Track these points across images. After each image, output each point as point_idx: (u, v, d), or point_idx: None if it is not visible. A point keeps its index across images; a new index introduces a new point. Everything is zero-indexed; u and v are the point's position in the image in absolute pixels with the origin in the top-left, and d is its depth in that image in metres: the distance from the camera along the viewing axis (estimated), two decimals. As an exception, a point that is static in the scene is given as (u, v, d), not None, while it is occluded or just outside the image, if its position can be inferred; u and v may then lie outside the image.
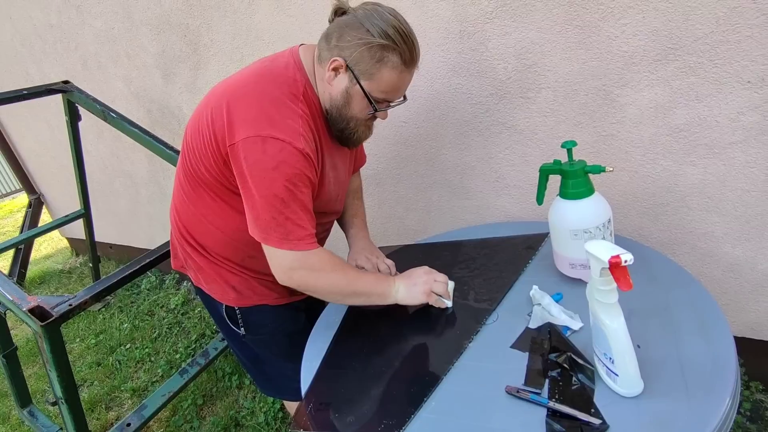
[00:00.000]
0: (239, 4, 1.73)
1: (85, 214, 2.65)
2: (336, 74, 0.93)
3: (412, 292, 1.01)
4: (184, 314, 2.74)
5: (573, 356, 0.79)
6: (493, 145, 1.46)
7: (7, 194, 8.65)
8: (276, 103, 0.91)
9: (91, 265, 2.96)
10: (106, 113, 1.92)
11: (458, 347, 0.91)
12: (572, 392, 0.75)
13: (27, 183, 3.71)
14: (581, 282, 0.98)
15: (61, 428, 1.78)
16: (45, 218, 3.69)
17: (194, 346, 2.43)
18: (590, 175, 0.94)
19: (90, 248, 2.84)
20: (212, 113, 0.94)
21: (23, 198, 6.89)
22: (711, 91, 1.11)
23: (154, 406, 1.60)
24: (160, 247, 1.50)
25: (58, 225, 2.73)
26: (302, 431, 0.84)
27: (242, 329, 1.17)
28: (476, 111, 1.44)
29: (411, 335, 1.00)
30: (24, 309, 1.22)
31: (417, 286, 1.01)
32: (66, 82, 2.09)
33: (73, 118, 2.19)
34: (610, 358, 0.71)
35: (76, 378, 2.23)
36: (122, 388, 2.26)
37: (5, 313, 1.71)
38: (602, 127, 1.27)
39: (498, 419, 0.74)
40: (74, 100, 2.09)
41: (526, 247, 1.18)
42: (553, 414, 0.72)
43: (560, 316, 0.90)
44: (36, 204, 3.38)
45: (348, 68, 0.91)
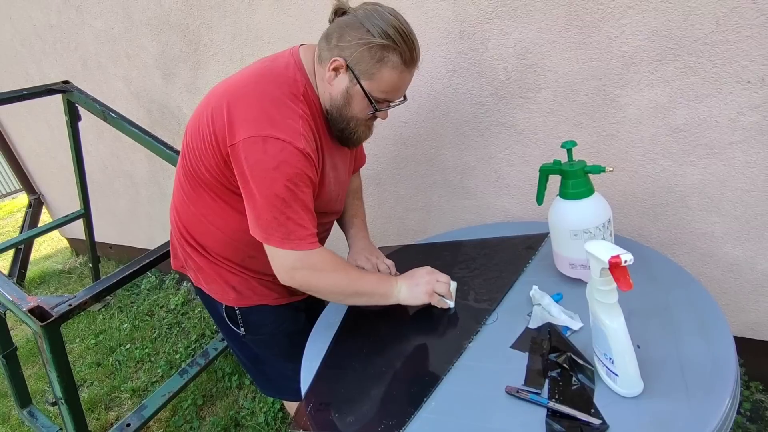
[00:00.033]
0: (239, 4, 1.73)
1: (85, 215, 2.65)
2: (336, 74, 0.93)
3: (415, 293, 1.01)
4: (184, 314, 2.74)
5: (573, 356, 0.79)
6: (493, 145, 1.46)
7: (7, 194, 8.65)
8: (276, 103, 0.91)
9: (91, 266, 2.96)
10: (106, 113, 1.92)
11: (458, 347, 0.91)
12: (572, 392, 0.75)
13: (27, 183, 3.71)
14: (581, 282, 0.98)
15: (61, 428, 1.77)
16: (45, 218, 3.69)
17: (194, 347, 2.43)
18: (590, 175, 0.94)
19: (90, 248, 2.84)
20: (212, 113, 0.94)
21: (23, 198, 6.89)
22: (711, 91, 1.11)
23: (154, 407, 1.60)
24: (160, 248, 1.50)
25: (58, 225, 2.73)
26: (302, 431, 0.84)
27: (242, 329, 1.17)
28: (476, 111, 1.44)
29: (411, 335, 1.00)
30: (24, 309, 1.22)
31: (419, 287, 1.01)
32: (66, 83, 2.09)
33: (73, 118, 2.19)
34: (610, 359, 0.71)
35: (76, 378, 2.23)
36: (122, 389, 2.26)
37: (5, 314, 1.71)
38: (602, 128, 1.27)
39: (498, 419, 0.74)
40: (74, 100, 2.09)
41: (526, 247, 1.18)
42: (553, 414, 0.72)
43: (560, 316, 0.90)
44: (36, 204, 3.38)
45: (348, 68, 0.91)
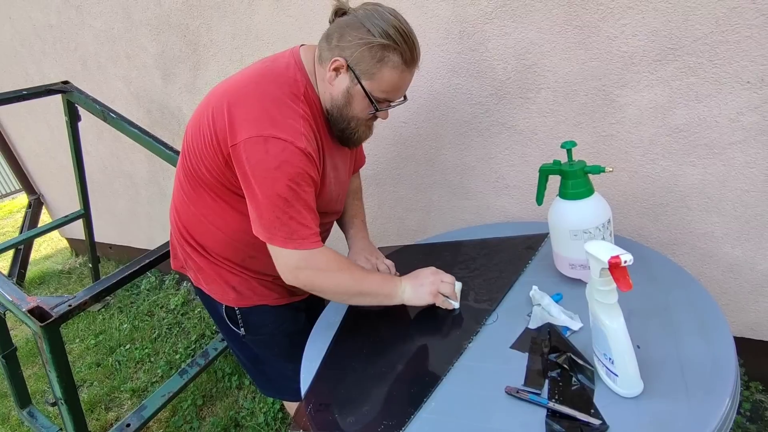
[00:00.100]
0: (239, 5, 1.73)
1: (85, 215, 2.65)
2: (337, 74, 0.93)
3: (419, 293, 1.01)
4: (184, 315, 2.74)
5: (573, 357, 0.79)
6: (493, 146, 1.46)
7: (7, 194, 8.65)
8: (277, 103, 0.91)
9: (91, 266, 2.96)
10: (106, 113, 1.92)
11: (458, 348, 0.91)
12: (572, 393, 0.75)
13: (27, 183, 3.71)
14: (581, 282, 0.98)
15: (61, 429, 1.77)
16: (45, 218, 3.69)
17: (194, 347, 2.43)
18: (590, 176, 0.94)
19: (90, 249, 2.84)
20: (213, 114, 0.94)
21: (23, 198, 6.88)
22: (710, 92, 1.11)
23: (154, 407, 1.60)
24: (160, 248, 1.50)
25: (58, 225, 2.73)
26: (302, 431, 0.84)
27: (242, 329, 1.17)
28: (476, 111, 1.44)
29: (411, 336, 1.00)
30: (23, 309, 1.22)
31: (424, 287, 1.01)
32: (66, 83, 2.09)
33: (73, 119, 2.19)
34: (610, 359, 0.71)
35: (76, 378, 2.22)
36: (122, 389, 2.26)
37: (5, 314, 1.71)
38: (602, 128, 1.27)
39: (498, 420, 0.74)
40: (74, 101, 2.09)
41: (526, 248, 1.18)
42: (553, 414, 0.72)
43: (560, 317, 0.90)
44: (36, 204, 3.38)
45: (349, 68, 0.91)
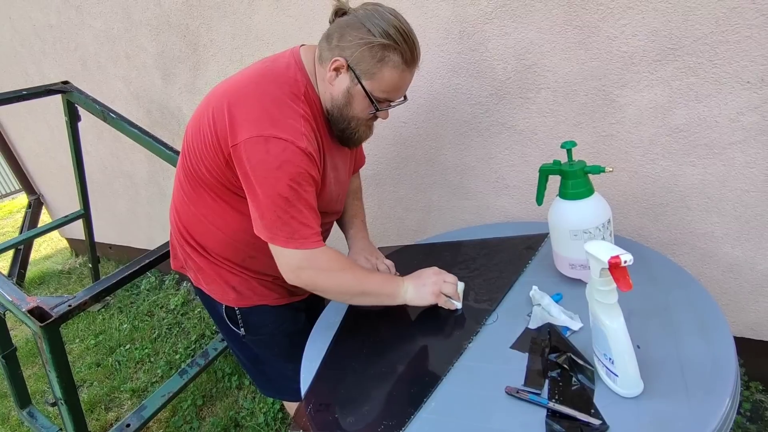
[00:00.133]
0: (239, 5, 1.73)
1: (85, 215, 2.65)
2: (337, 74, 0.93)
3: (421, 293, 1.01)
4: (184, 315, 2.74)
5: (573, 357, 0.79)
6: (493, 146, 1.46)
7: (7, 195, 8.65)
8: (277, 103, 0.91)
9: (91, 266, 2.96)
10: (106, 114, 1.92)
11: (458, 348, 0.91)
12: (572, 393, 0.75)
13: (26, 183, 3.71)
14: (581, 282, 0.98)
15: (61, 429, 1.77)
16: (45, 219, 3.69)
17: (194, 347, 2.43)
18: (590, 176, 0.94)
19: (89, 249, 2.84)
20: (213, 114, 0.94)
21: (23, 198, 6.87)
22: (710, 92, 1.11)
23: (154, 407, 1.60)
24: (160, 248, 1.50)
25: (58, 225, 2.73)
26: (302, 432, 0.84)
27: (242, 330, 1.17)
28: (476, 111, 1.44)
29: (411, 336, 1.00)
30: (23, 309, 1.22)
31: (426, 287, 1.00)
32: (65, 83, 2.09)
33: (73, 119, 2.19)
34: (610, 359, 0.71)
35: (76, 379, 2.22)
36: (122, 389, 2.26)
37: (5, 314, 1.71)
38: (602, 128, 1.27)
39: (498, 420, 0.74)
40: (74, 101, 2.09)
41: (526, 248, 1.18)
42: (553, 414, 0.72)
43: (560, 317, 0.90)
44: (35, 204, 3.38)
45: (349, 68, 0.91)
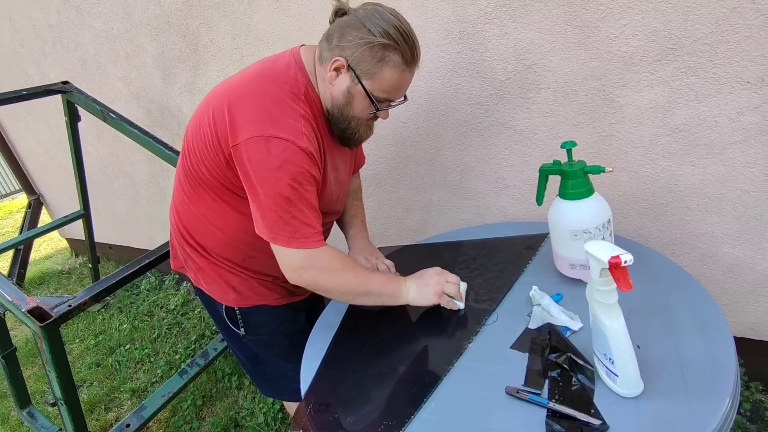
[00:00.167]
0: (239, 5, 1.73)
1: (85, 215, 2.65)
2: (337, 74, 0.93)
3: (424, 293, 1.01)
4: (184, 315, 2.74)
5: (573, 357, 0.79)
6: (493, 146, 1.46)
7: (7, 195, 8.65)
8: (278, 103, 0.91)
9: (91, 266, 2.96)
10: (106, 114, 1.92)
11: (458, 348, 0.91)
12: (572, 393, 0.75)
13: (26, 183, 3.71)
14: (581, 282, 0.98)
15: (61, 429, 1.77)
16: (44, 219, 3.69)
17: (194, 347, 2.43)
18: (590, 176, 0.94)
19: (89, 249, 2.84)
20: (214, 114, 0.94)
21: (23, 198, 6.88)
22: (710, 92, 1.11)
23: (154, 407, 1.60)
24: (160, 248, 1.50)
25: (58, 225, 2.73)
26: (302, 432, 0.84)
27: (242, 330, 1.17)
28: (476, 111, 1.44)
29: (411, 336, 1.00)
30: (23, 310, 1.22)
31: (428, 287, 1.00)
32: (65, 83, 2.09)
33: (73, 119, 2.19)
34: (610, 359, 0.71)
35: (76, 379, 2.23)
36: (122, 389, 2.26)
37: (4, 314, 1.71)
38: (602, 128, 1.27)
39: (498, 420, 0.74)
40: (74, 101, 2.09)
41: (526, 248, 1.18)
42: (553, 414, 0.72)
43: (560, 317, 0.90)
44: (35, 204, 3.38)
45: (350, 68, 0.91)
